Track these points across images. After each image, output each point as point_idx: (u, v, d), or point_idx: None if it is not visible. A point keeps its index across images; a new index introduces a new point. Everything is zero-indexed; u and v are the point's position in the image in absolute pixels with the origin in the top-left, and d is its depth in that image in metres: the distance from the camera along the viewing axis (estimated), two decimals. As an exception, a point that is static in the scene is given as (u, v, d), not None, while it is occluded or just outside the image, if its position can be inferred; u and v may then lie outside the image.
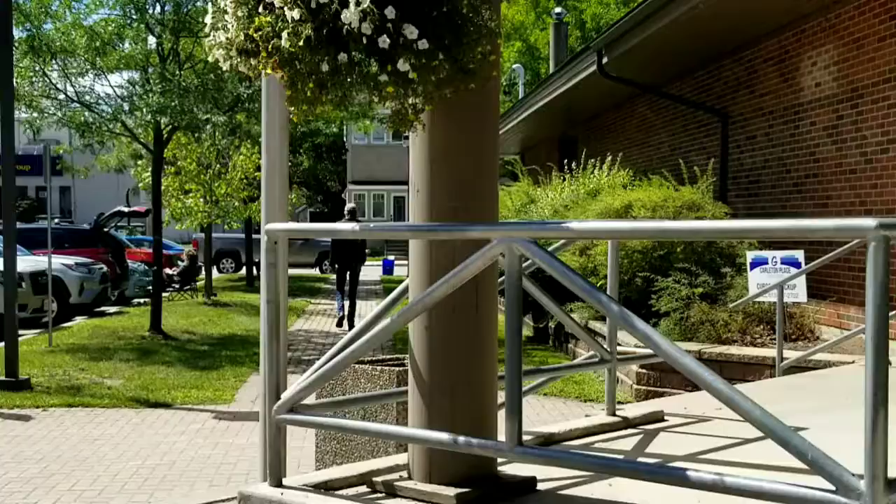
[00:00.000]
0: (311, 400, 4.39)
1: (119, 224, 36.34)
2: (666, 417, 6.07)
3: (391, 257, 40.39)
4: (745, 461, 4.59)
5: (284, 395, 4.21)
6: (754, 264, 10.72)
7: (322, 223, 3.81)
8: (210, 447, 9.07)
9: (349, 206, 19.99)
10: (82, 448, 9.06)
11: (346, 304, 18.83)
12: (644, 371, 11.00)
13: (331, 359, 4.37)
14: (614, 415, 5.85)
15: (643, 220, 12.24)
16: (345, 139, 51.74)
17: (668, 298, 11.21)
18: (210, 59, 3.65)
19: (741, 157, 14.40)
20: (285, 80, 3.59)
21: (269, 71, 3.58)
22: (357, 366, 6.34)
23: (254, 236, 31.74)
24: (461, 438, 3.66)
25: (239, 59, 3.64)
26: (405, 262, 39.74)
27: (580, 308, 12.79)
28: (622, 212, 12.51)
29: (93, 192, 64.30)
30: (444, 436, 3.74)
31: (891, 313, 5.86)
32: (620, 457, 4.86)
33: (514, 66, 36.04)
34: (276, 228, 4.27)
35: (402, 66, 3.47)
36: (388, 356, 7.02)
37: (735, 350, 10.44)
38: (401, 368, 6.14)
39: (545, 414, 10.44)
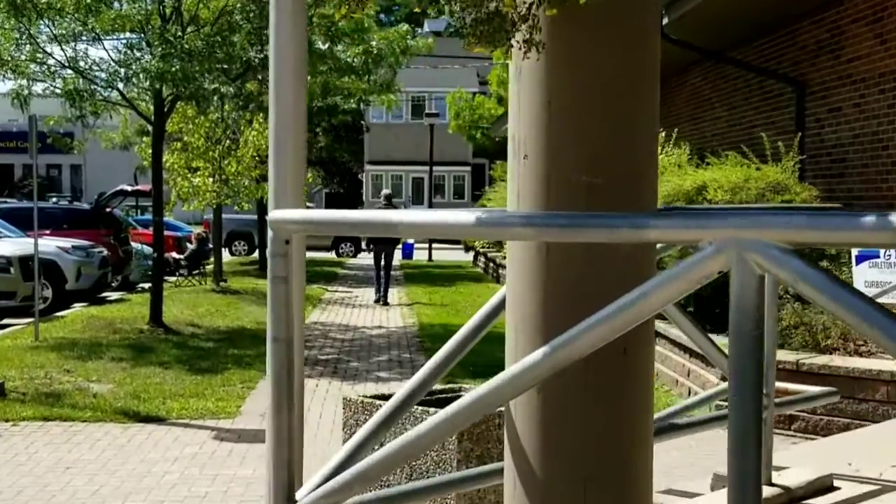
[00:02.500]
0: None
1: (128, 204, 34.71)
2: (835, 482, 4.34)
3: (411, 240, 38.61)
4: None
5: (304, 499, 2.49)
6: (861, 258, 8.96)
7: (366, 211, 2.23)
8: (207, 481, 7.35)
9: (385, 191, 20.44)
10: (49, 481, 7.36)
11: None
12: (727, 384, 9.24)
13: (374, 434, 2.66)
14: (770, 483, 4.11)
15: (723, 203, 10.47)
16: (362, 119, 49.98)
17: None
18: None
19: (822, 133, 12.58)
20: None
21: None
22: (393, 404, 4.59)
23: (266, 217, 30.05)
24: None
25: None
26: (425, 245, 38.00)
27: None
28: (693, 194, 10.73)
29: (105, 171, 62.60)
30: None
31: None
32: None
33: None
34: (289, 218, 2.54)
35: None
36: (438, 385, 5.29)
37: (840, 361, 8.66)
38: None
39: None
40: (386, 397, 4.89)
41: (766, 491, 4.01)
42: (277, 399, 2.55)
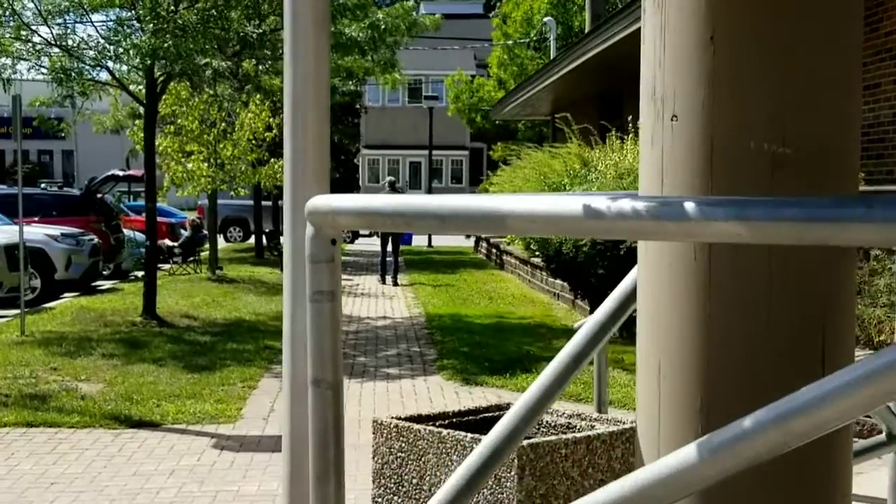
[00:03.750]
0: None
1: (121, 190, 33.85)
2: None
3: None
4: None
5: None
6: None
7: (452, 197, 1.59)
8: (208, 500, 6.57)
9: (389, 178, 20.74)
10: (31, 498, 6.59)
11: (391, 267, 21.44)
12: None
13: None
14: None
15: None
16: (358, 102, 49.06)
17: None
18: None
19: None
20: None
21: None
22: (439, 431, 3.81)
23: (263, 203, 29.24)
24: None
25: None
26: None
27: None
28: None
29: (97, 156, 61.66)
30: None
31: None
32: None
33: (544, 18, 33.25)
34: (338, 208, 1.74)
35: None
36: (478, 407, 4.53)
37: None
38: (528, 443, 3.60)
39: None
40: (420, 419, 4.11)
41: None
42: (321, 467, 1.77)
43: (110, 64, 13.47)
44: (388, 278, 21.42)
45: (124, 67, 13.94)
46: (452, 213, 1.57)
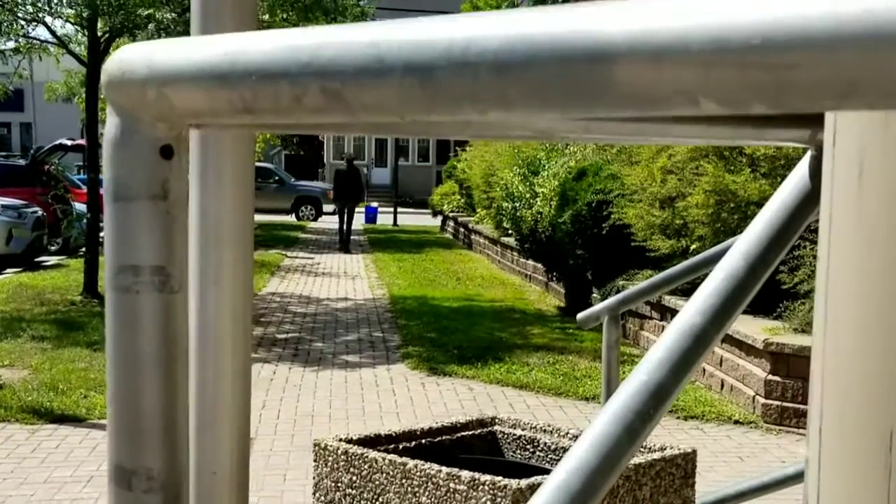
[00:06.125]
0: None
1: (78, 164, 32.50)
2: None
3: (374, 204, 36.72)
4: None
5: None
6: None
7: None
8: (127, 514, 5.55)
9: (347, 153, 21.87)
10: (-83, 512, 5.56)
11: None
12: (778, 379, 7.57)
13: None
14: None
15: (759, 156, 8.77)
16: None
17: (810, 270, 7.74)
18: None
19: None
20: None
21: None
22: (404, 462, 2.80)
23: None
24: None
25: None
26: (389, 209, 36.09)
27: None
28: (726, 147, 9.02)
29: (56, 128, 59.96)
30: None
31: None
32: None
33: (516, -9, 32.17)
34: (153, 66, 0.72)
35: None
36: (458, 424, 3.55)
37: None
38: (526, 484, 2.60)
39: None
40: (378, 440, 3.11)
41: None
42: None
43: (48, 19, 12.29)
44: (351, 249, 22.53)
45: (66, 25, 12.78)
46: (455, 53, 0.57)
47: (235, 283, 1.47)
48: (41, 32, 13.02)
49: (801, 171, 1.48)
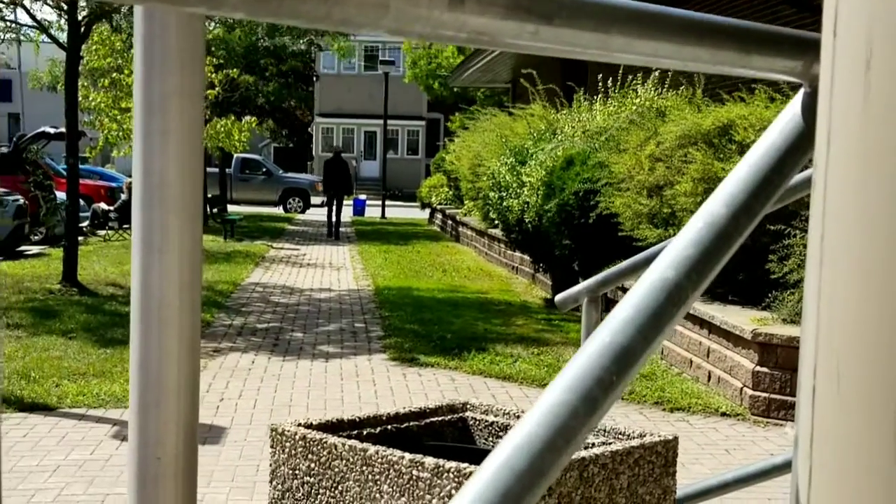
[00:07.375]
0: None
1: (64, 153, 32.19)
2: None
3: (362, 196, 36.48)
4: None
5: None
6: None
7: None
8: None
9: (335, 145, 22.15)
10: None
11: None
12: (766, 370, 7.40)
13: None
14: None
15: (749, 143, 8.58)
16: (312, 67, 47.51)
17: (800, 260, 7.58)
18: None
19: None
20: None
21: None
22: (364, 448, 2.61)
23: (207, 169, 27.84)
24: None
25: None
26: (377, 202, 35.87)
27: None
28: (715, 134, 8.84)
29: (45, 118, 59.62)
30: None
31: None
32: None
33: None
34: None
35: None
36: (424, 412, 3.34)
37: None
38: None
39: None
40: (340, 425, 2.92)
41: None
42: None
43: (27, 2, 12.05)
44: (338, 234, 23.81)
45: (44, 7, 12.53)
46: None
47: (182, 249, 1.29)
48: (22, 18, 12.76)
49: (792, 109, 1.30)
